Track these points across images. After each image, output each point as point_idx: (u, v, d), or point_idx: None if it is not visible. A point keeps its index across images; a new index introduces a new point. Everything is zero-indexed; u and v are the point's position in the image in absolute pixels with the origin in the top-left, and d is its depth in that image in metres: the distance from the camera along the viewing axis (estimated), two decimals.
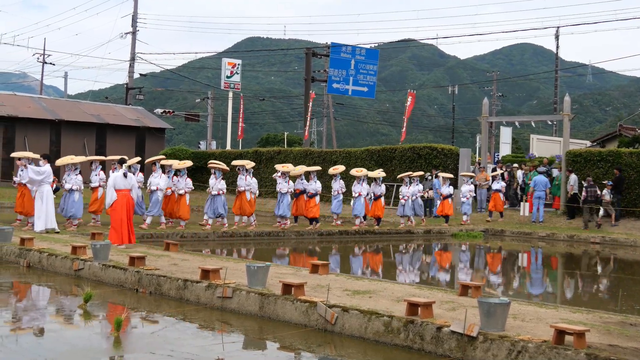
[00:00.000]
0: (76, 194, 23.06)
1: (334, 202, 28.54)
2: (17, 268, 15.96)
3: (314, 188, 27.08)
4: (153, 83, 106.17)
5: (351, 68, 47.13)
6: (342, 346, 9.45)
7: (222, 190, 24.51)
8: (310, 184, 27.25)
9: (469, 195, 30.82)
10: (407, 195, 29.11)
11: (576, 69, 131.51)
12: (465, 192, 30.89)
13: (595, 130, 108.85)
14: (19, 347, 9.04)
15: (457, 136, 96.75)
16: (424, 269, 20.02)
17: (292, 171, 27.60)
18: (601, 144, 48.83)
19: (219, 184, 24.48)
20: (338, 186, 28.47)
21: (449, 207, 30.41)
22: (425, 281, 16.80)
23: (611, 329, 9.21)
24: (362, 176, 28.41)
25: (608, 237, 26.90)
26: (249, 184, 25.74)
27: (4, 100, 49.86)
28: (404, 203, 29.15)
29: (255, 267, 11.65)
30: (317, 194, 27.13)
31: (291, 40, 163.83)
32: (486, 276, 18.66)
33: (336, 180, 28.62)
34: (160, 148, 52.68)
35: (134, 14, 63.18)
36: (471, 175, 32.33)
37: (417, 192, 29.60)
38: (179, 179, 24.89)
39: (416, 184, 29.78)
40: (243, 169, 25.92)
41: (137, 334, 9.93)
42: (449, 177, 30.94)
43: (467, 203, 30.77)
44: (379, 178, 28.85)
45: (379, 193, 28.53)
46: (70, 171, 23.31)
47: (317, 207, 27.10)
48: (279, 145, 79.87)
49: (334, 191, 28.55)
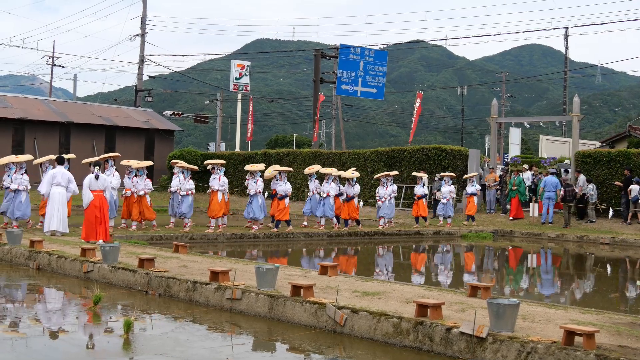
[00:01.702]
0: (23, 194, 22.87)
1: (308, 203, 27.86)
2: (27, 270, 16.00)
3: (284, 190, 26.03)
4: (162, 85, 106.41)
5: (360, 69, 47.10)
6: (352, 347, 9.45)
7: (191, 191, 24.26)
8: (279, 185, 26.24)
9: (449, 197, 30.26)
10: (385, 197, 28.46)
11: (585, 70, 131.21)
12: (445, 193, 30.33)
13: (605, 130, 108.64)
14: (28, 349, 9.06)
15: (466, 137, 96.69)
16: (434, 270, 20.01)
17: (266, 173, 27.02)
18: (610, 144, 48.70)
19: (187, 184, 24.24)
20: (313, 186, 27.73)
21: (423, 209, 29.95)
22: (434, 282, 16.78)
23: (621, 330, 9.19)
24: (331, 175, 27.42)
25: (618, 237, 26.85)
26: (223, 185, 25.24)
27: (14, 102, 49.97)
28: (381, 205, 28.55)
29: (265, 268, 11.65)
30: (287, 196, 26.10)
31: (300, 42, 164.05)
32: (496, 276, 18.65)
33: (312, 180, 27.94)
34: (169, 150, 52.76)
35: (143, 16, 63.24)
36: (452, 175, 31.54)
37: (392, 193, 28.83)
38: (139, 179, 24.56)
39: (390, 183, 28.93)
40: (217, 168, 25.37)
41: (147, 335, 9.94)
42: (423, 177, 30.53)
43: (449, 204, 30.32)
44: (353, 179, 27.89)
45: (352, 194, 27.61)
46: (16, 171, 23.02)
47: (287, 209, 26.08)
48: (288, 146, 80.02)
49: (309, 192, 27.95)
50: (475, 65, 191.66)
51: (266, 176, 26.94)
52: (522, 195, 32.28)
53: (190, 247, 18.24)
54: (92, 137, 50.24)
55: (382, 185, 28.73)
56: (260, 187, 25.52)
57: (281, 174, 26.34)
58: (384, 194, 28.51)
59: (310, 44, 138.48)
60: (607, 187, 30.75)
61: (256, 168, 25.95)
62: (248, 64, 58.05)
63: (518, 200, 32.16)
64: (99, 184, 19.61)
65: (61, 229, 20.71)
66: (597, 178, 30.89)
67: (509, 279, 18.65)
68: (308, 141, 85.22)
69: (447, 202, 30.23)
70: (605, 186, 30.86)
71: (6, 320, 10.92)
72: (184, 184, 24.26)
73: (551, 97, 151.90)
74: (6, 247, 17.60)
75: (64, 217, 20.90)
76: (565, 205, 30.41)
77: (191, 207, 24.39)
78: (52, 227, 20.61)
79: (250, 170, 25.86)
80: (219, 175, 25.15)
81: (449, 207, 30.40)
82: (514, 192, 32.30)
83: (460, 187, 34.63)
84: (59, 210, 20.67)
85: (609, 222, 29.96)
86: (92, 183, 19.53)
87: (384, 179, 28.81)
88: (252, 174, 25.68)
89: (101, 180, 19.72)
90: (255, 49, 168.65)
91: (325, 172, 27.73)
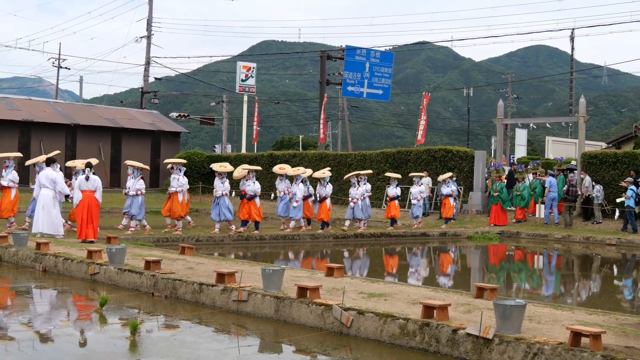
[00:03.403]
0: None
1: (280, 205, 26.99)
2: (33, 272, 16.01)
3: (253, 189, 25.24)
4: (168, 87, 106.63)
5: (366, 71, 47.17)
6: (358, 349, 9.45)
7: (141, 191, 23.82)
8: (248, 185, 25.39)
9: (419, 197, 29.82)
10: (357, 197, 27.67)
11: (591, 71, 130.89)
12: (415, 193, 29.80)
13: (611, 131, 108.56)
14: (35, 351, 9.07)
15: (473, 138, 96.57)
16: (440, 271, 20.01)
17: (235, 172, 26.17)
18: (617, 145, 48.63)
19: (137, 184, 23.83)
20: (284, 187, 26.97)
21: (395, 210, 29.40)
22: (440, 284, 16.77)
23: (628, 331, 9.17)
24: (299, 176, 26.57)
25: (624, 238, 26.81)
26: (182, 185, 24.44)
27: (20, 105, 50.10)
28: (353, 205, 27.72)
29: (271, 270, 11.65)
30: (255, 196, 25.25)
31: (306, 44, 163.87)
32: (502, 277, 18.65)
33: (282, 181, 27.25)
34: (175, 152, 52.81)
35: (149, 18, 63.32)
36: (421, 175, 31.28)
37: (365, 192, 28.03)
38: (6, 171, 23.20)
39: (364, 183, 28.22)
40: (177, 167, 24.78)
41: (153, 337, 9.95)
42: (397, 178, 30.01)
43: (418, 205, 29.88)
44: (324, 179, 27.18)
45: (324, 195, 26.86)
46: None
47: (259, 209, 25.48)
48: (294, 148, 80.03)
49: (279, 192, 27.15)
50: (481, 66, 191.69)
51: (235, 176, 26.09)
52: (504, 202, 31.48)
53: (196, 249, 18.24)
54: (98, 139, 50.33)
55: (352, 185, 28.06)
56: (227, 188, 24.96)
57: (250, 174, 25.51)
58: (355, 195, 27.71)
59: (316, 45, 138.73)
60: (613, 188, 30.69)
61: (224, 169, 25.36)
62: (254, 65, 58.13)
63: (500, 206, 31.35)
64: (89, 185, 20.15)
65: (47, 231, 20.40)
66: (604, 179, 30.85)
67: (515, 280, 18.63)
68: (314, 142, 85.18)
69: (418, 202, 29.69)
70: (612, 187, 30.81)
71: (11, 322, 10.94)
72: (134, 184, 23.77)
73: (557, 98, 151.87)
74: (12, 250, 17.62)
75: (51, 219, 20.59)
76: (566, 205, 30.44)
77: (142, 208, 23.82)
78: (38, 229, 20.42)
79: (218, 171, 25.14)
80: (178, 176, 24.50)
81: (418, 207, 29.86)
82: (495, 198, 31.57)
83: (465, 188, 34.62)
84: (43, 212, 20.50)
85: (615, 222, 29.91)
86: (82, 184, 20.17)
87: (354, 179, 28.09)
88: (220, 174, 24.99)
89: (91, 181, 20.19)
90: (261, 50, 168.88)
91: (293, 174, 26.96)
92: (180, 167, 24.85)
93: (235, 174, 26.00)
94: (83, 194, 20.13)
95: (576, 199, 30.53)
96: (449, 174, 32.01)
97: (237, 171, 26.12)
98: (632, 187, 28.59)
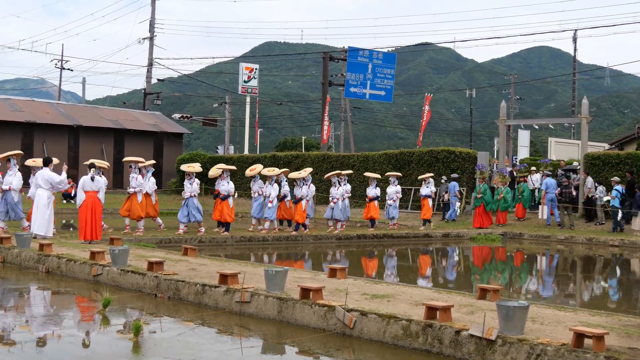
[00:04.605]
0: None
1: (254, 205, 26.61)
2: (36, 273, 16.03)
3: (226, 189, 24.92)
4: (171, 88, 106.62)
5: (368, 72, 47.16)
6: (361, 350, 9.45)
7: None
8: (222, 185, 25.03)
9: (395, 197, 29.13)
10: (337, 197, 27.30)
11: (594, 72, 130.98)
12: (391, 194, 29.15)
13: (614, 132, 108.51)
14: (38, 352, 9.09)
15: (475, 139, 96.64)
16: (442, 272, 20.01)
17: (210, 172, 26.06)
18: (619, 146, 48.57)
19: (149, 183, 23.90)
20: (257, 187, 26.53)
21: (374, 211, 28.78)
22: (442, 285, 16.76)
23: (631, 332, 9.16)
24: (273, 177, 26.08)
25: (627, 240, 26.77)
26: (140, 184, 23.87)
27: (23, 106, 50.16)
28: (333, 206, 27.30)
29: (274, 271, 11.65)
30: (229, 196, 24.84)
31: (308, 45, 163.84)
32: (505, 279, 18.64)
33: (255, 182, 26.81)
34: (178, 153, 52.84)
35: (152, 20, 63.35)
36: (398, 175, 30.65)
37: (345, 193, 27.72)
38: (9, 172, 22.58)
39: (344, 183, 27.99)
40: (135, 166, 24.26)
41: (157, 338, 9.95)
42: (375, 178, 29.58)
43: (394, 206, 29.26)
44: (301, 179, 26.58)
45: (300, 195, 26.10)
46: None
47: (232, 210, 24.99)
48: (297, 149, 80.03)
49: (253, 193, 26.71)
50: (484, 67, 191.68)
51: (211, 174, 25.92)
52: (487, 204, 30.92)
53: (199, 250, 18.24)
54: (101, 141, 50.37)
55: (333, 185, 27.76)
56: (195, 189, 24.44)
57: (224, 173, 25.18)
58: (336, 194, 27.37)
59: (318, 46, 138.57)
60: None
61: (192, 169, 24.90)
62: (256, 66, 58.12)
63: (483, 208, 30.80)
64: (93, 186, 20.31)
65: (36, 231, 20.13)
66: (606, 180, 30.82)
67: (518, 281, 18.63)
68: (317, 144, 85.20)
69: (393, 203, 29.11)
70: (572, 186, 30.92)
71: (14, 324, 10.95)
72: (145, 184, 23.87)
73: (560, 99, 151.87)
74: (15, 251, 17.64)
75: (44, 220, 20.40)
76: (562, 206, 30.46)
77: None
78: (33, 230, 20.22)
79: (187, 172, 24.79)
80: (136, 175, 23.97)
81: (394, 208, 29.26)
82: (478, 200, 30.98)
83: (468, 189, 34.59)
84: (37, 213, 20.40)
85: (624, 224, 29.83)
86: (86, 184, 20.29)
87: (335, 179, 27.81)
88: (189, 175, 24.59)
89: (96, 181, 20.37)
90: (263, 51, 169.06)
91: (267, 174, 26.31)
92: (148, 168, 24.39)
93: (211, 172, 25.94)
94: (87, 195, 20.19)
95: (572, 200, 30.53)
96: (428, 174, 31.35)
97: (213, 170, 26.03)
98: (617, 187, 28.66)
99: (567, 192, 30.17)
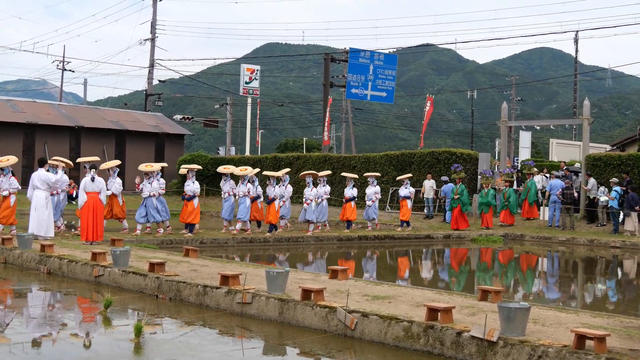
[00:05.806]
0: None
1: (225, 206, 26.04)
2: (38, 274, 16.03)
3: (192, 189, 24.38)
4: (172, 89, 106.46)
5: (370, 73, 47.12)
6: (362, 351, 9.45)
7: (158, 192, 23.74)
8: (187, 185, 24.51)
9: (374, 198, 28.86)
10: (310, 199, 26.83)
11: (595, 73, 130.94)
12: (370, 194, 28.85)
13: (615, 134, 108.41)
14: (39, 354, 9.09)
15: (476, 141, 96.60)
16: (443, 273, 20.00)
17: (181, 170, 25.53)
18: (621, 147, 48.58)
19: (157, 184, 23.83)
20: (228, 188, 25.88)
21: (350, 212, 28.25)
22: (444, 286, 16.76)
23: (632, 334, 9.16)
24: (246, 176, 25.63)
25: (629, 241, 26.75)
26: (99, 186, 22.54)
27: (24, 107, 50.14)
28: (307, 207, 26.93)
29: (275, 272, 11.66)
30: (195, 196, 24.35)
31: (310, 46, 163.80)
32: (507, 280, 18.64)
33: (226, 182, 26.17)
34: (179, 154, 52.80)
35: (153, 21, 63.29)
36: (376, 175, 30.55)
37: (324, 195, 27.43)
38: (3, 178, 21.67)
39: (323, 185, 27.69)
40: (112, 169, 23.84)
41: (158, 339, 9.95)
42: (353, 178, 29.41)
43: (374, 207, 28.98)
44: (273, 179, 26.03)
45: (272, 196, 25.43)
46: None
47: (196, 211, 24.42)
48: (298, 150, 79.99)
49: (223, 193, 26.05)
50: (485, 68, 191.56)
51: (180, 172, 25.37)
52: (464, 205, 30.18)
53: (200, 251, 18.24)
54: (102, 142, 50.32)
55: (307, 185, 27.37)
56: (155, 189, 23.85)
57: (189, 173, 24.73)
58: (309, 195, 26.97)
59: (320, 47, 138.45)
60: None
61: (151, 168, 24.45)
62: (258, 68, 58.06)
63: (459, 210, 30.10)
64: (94, 186, 20.36)
65: (36, 232, 19.98)
66: (607, 182, 30.80)
67: (520, 283, 18.63)
68: (318, 145, 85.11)
69: (373, 204, 28.81)
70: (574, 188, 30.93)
71: (18, 324, 10.95)
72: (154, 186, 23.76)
73: (561, 101, 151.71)
74: (17, 252, 17.65)
75: (43, 221, 20.32)
76: (564, 208, 30.44)
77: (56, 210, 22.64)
78: (33, 231, 20.04)
79: (145, 171, 24.30)
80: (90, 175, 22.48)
81: (373, 209, 28.94)
82: (455, 201, 30.25)
83: (470, 191, 34.57)
84: (35, 214, 20.30)
85: (620, 225, 29.83)
86: (87, 185, 20.34)
87: (309, 179, 27.43)
88: (147, 175, 24.12)
89: (97, 182, 20.43)
90: (265, 53, 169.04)
91: (240, 174, 25.79)
92: (113, 169, 23.98)
93: (181, 171, 25.81)
94: (88, 196, 20.21)
95: (573, 201, 30.53)
96: (407, 175, 31.19)
97: (181, 170, 25.85)
98: (616, 188, 28.68)
99: (568, 194, 30.15)
